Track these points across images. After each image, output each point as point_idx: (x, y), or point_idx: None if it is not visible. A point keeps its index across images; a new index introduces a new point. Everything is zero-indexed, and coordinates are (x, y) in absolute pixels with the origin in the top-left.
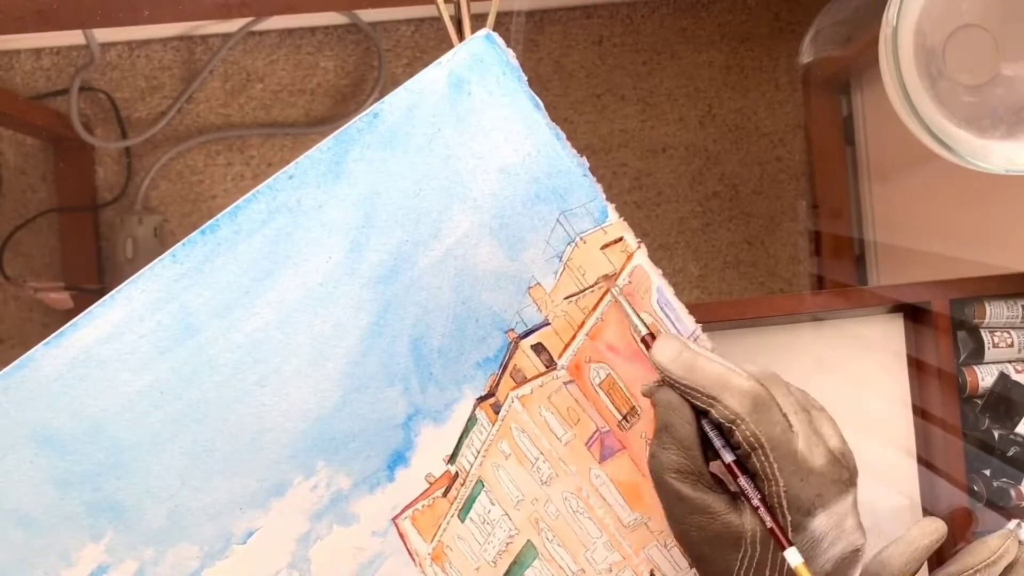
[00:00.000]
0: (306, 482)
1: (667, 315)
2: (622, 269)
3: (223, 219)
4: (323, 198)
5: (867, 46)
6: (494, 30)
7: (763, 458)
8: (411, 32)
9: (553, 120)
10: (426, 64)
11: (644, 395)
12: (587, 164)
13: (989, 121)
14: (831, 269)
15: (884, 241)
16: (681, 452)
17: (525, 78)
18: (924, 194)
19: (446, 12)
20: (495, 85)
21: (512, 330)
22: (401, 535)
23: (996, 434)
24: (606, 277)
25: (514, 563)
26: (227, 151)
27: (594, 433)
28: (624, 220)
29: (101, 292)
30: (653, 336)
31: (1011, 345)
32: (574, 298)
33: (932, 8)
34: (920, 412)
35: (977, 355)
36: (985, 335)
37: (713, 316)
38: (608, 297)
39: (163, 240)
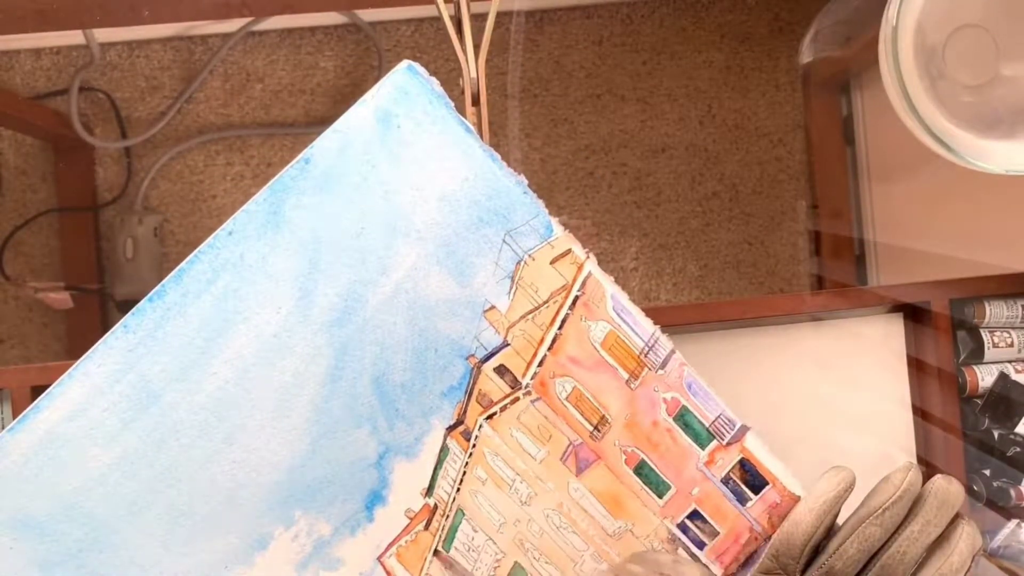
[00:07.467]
0: (287, 533)
1: (625, 321)
2: (574, 281)
3: (169, 284)
4: (265, 250)
5: (867, 46)
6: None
7: None
8: (411, 32)
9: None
10: (427, 64)
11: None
12: (526, 181)
13: (989, 121)
14: (831, 269)
15: (884, 241)
16: None
17: (452, 104)
18: (924, 194)
19: (446, 12)
20: (423, 115)
21: (473, 355)
22: (388, 573)
23: (996, 434)
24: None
25: None
26: (227, 151)
27: (567, 447)
28: (570, 232)
29: (101, 292)
30: None
31: (1011, 345)
32: (530, 315)
33: (932, 8)
34: (920, 412)
35: (977, 355)
36: (985, 335)
37: (713, 316)
38: (564, 310)
39: (163, 240)
